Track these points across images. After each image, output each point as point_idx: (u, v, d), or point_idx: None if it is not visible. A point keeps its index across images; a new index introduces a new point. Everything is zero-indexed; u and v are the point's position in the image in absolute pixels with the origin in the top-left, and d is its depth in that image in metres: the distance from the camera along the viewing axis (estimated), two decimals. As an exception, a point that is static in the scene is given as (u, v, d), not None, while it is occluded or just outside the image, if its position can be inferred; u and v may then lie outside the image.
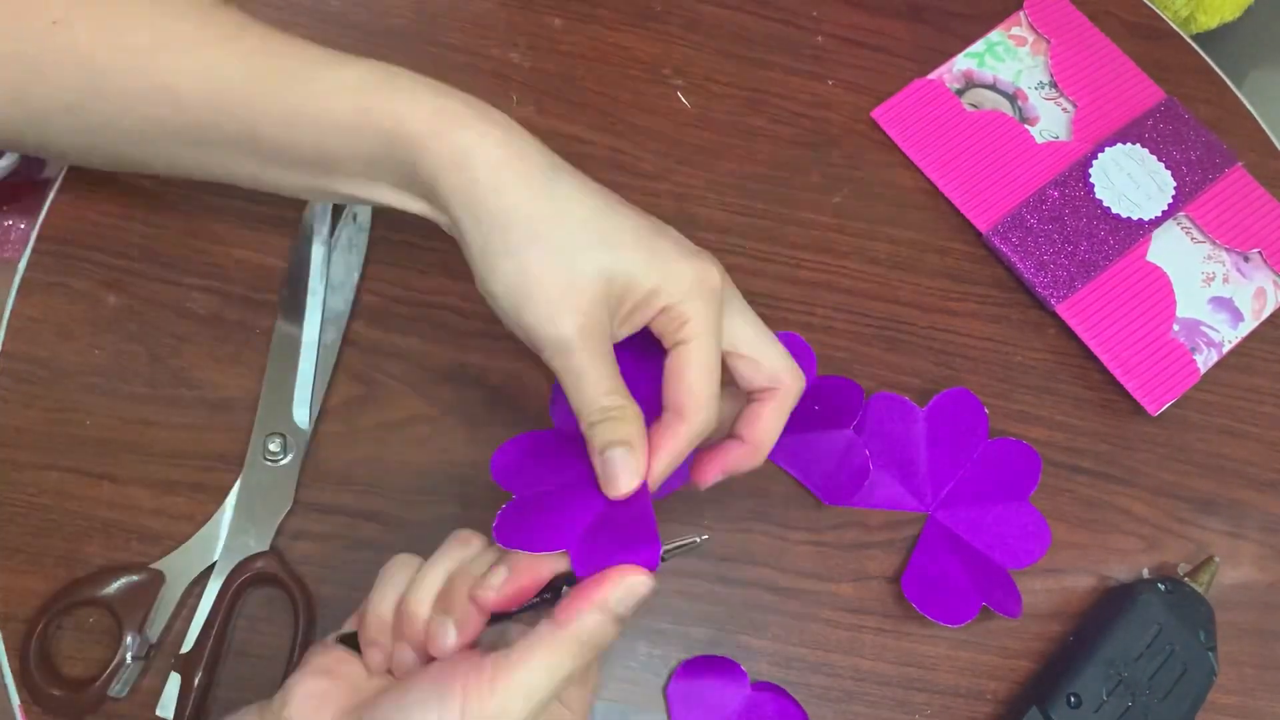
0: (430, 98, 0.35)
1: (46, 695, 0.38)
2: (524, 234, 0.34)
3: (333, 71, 0.36)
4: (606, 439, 0.34)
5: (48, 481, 0.42)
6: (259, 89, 0.35)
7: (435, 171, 0.34)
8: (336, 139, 0.35)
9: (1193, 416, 0.52)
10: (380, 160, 0.35)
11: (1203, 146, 0.55)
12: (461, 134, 0.34)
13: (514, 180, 0.34)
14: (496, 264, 0.34)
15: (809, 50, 0.56)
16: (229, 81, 0.35)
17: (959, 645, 0.46)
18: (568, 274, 0.33)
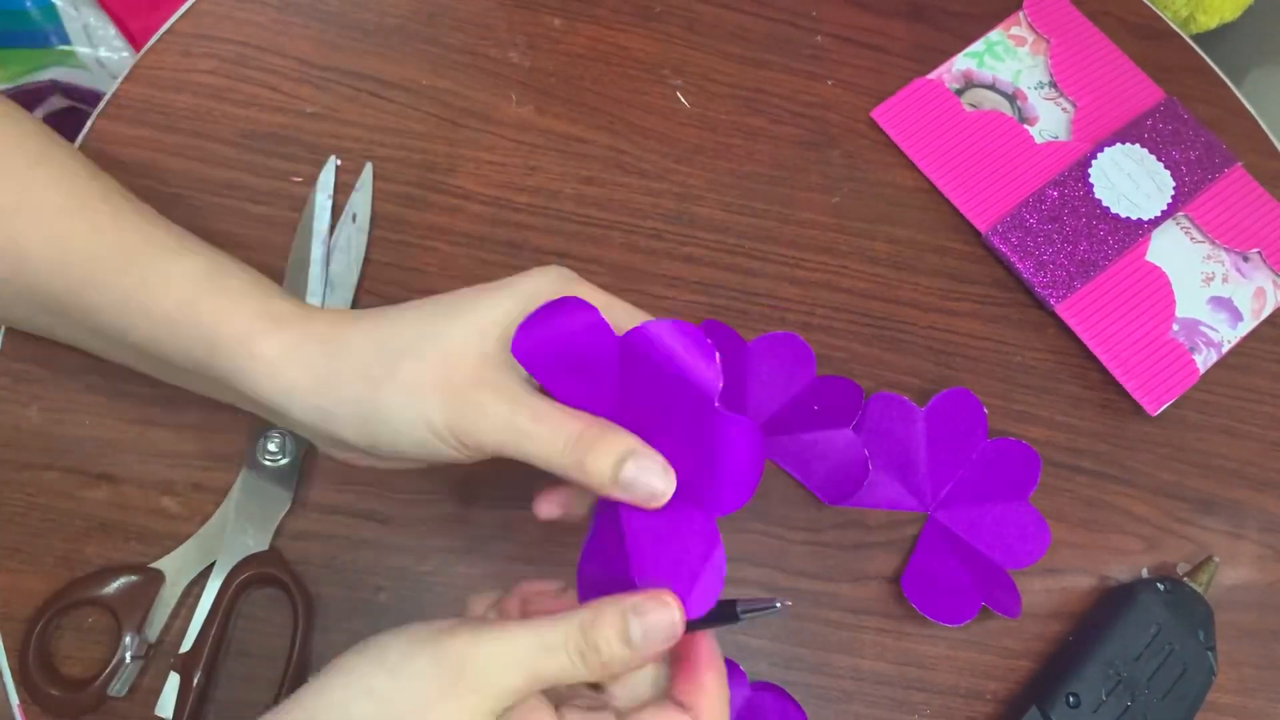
0: (256, 305, 0.34)
1: (46, 695, 0.38)
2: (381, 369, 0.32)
3: (175, 261, 0.35)
4: (607, 461, 0.30)
5: (47, 481, 0.42)
6: (100, 269, 0.35)
7: (261, 382, 0.33)
8: (164, 329, 0.34)
9: (1192, 416, 0.52)
10: (203, 363, 0.34)
11: (1202, 146, 0.55)
12: (280, 335, 0.33)
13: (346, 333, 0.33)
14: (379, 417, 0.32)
15: (808, 50, 0.56)
16: (76, 256, 0.35)
17: (958, 645, 0.46)
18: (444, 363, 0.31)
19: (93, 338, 0.37)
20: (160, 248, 0.36)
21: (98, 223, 0.36)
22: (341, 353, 0.33)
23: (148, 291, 0.34)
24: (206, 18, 0.51)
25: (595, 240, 0.50)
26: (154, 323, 0.34)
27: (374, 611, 0.42)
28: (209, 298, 0.34)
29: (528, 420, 0.31)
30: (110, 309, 0.35)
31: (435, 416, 0.31)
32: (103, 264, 0.35)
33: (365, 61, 0.51)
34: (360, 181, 0.48)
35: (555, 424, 0.31)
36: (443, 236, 0.48)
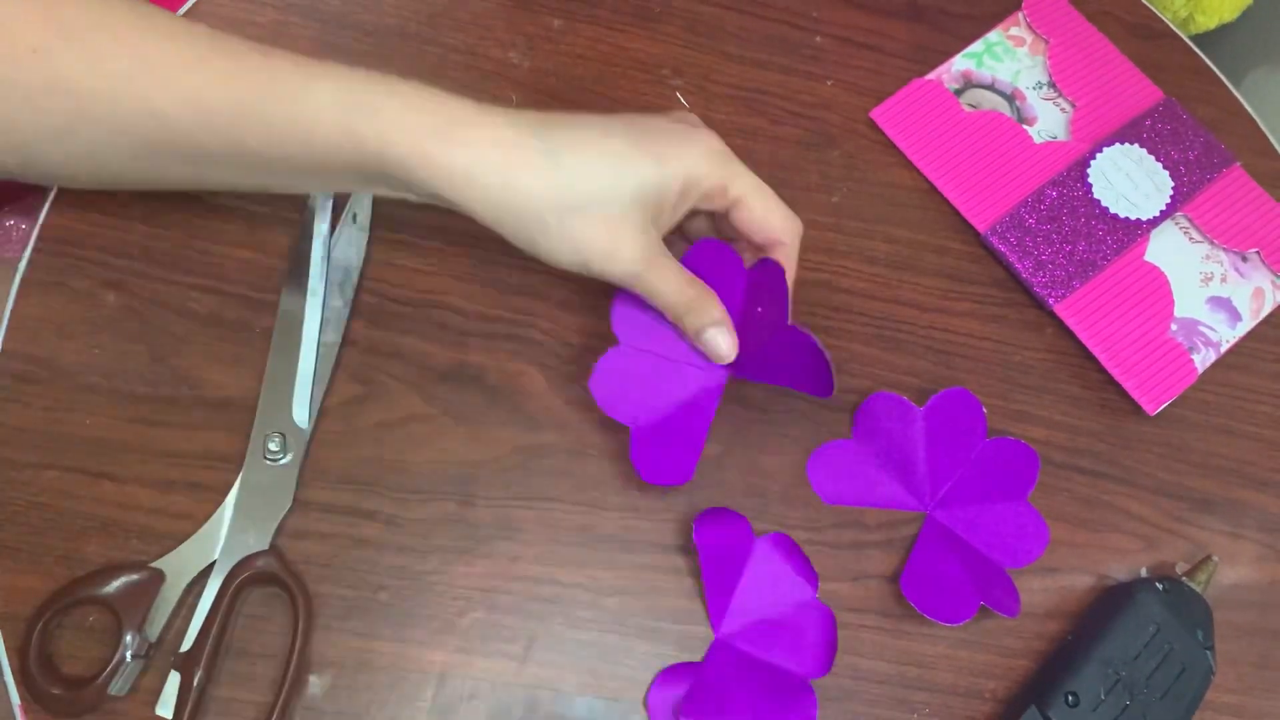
0: (413, 117, 0.37)
1: (46, 694, 0.38)
2: (556, 213, 0.38)
3: (312, 93, 0.37)
4: (698, 323, 0.41)
5: (47, 481, 0.42)
6: (243, 110, 0.36)
7: (440, 187, 0.37)
8: (325, 154, 0.37)
9: (1191, 416, 0.52)
10: (373, 173, 0.38)
11: (1201, 146, 0.55)
12: (454, 155, 0.37)
13: (524, 178, 0.37)
14: (542, 242, 0.39)
15: (808, 50, 0.56)
16: (213, 104, 0.36)
17: (957, 644, 0.46)
18: (605, 221, 0.38)
19: (243, 172, 0.39)
20: (301, 75, 0.37)
21: (226, 67, 0.37)
22: (517, 190, 0.37)
23: (302, 125, 0.36)
24: (206, 18, 0.51)
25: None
26: (314, 149, 0.37)
27: (375, 611, 0.42)
28: (364, 121, 0.36)
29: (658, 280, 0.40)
30: (265, 146, 0.37)
31: (592, 264, 0.39)
32: (246, 105, 0.36)
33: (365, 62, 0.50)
34: (360, 181, 0.48)
35: (676, 288, 0.41)
36: (444, 236, 0.48)
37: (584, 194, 0.38)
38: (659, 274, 0.40)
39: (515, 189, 0.37)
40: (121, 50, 0.36)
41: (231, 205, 0.47)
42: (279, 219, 0.47)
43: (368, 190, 0.40)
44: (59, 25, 0.35)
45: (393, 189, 0.39)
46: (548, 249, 0.39)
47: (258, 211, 0.47)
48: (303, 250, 0.46)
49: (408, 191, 0.39)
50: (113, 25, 0.36)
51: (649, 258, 0.40)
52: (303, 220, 0.47)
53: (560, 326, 0.48)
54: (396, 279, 0.47)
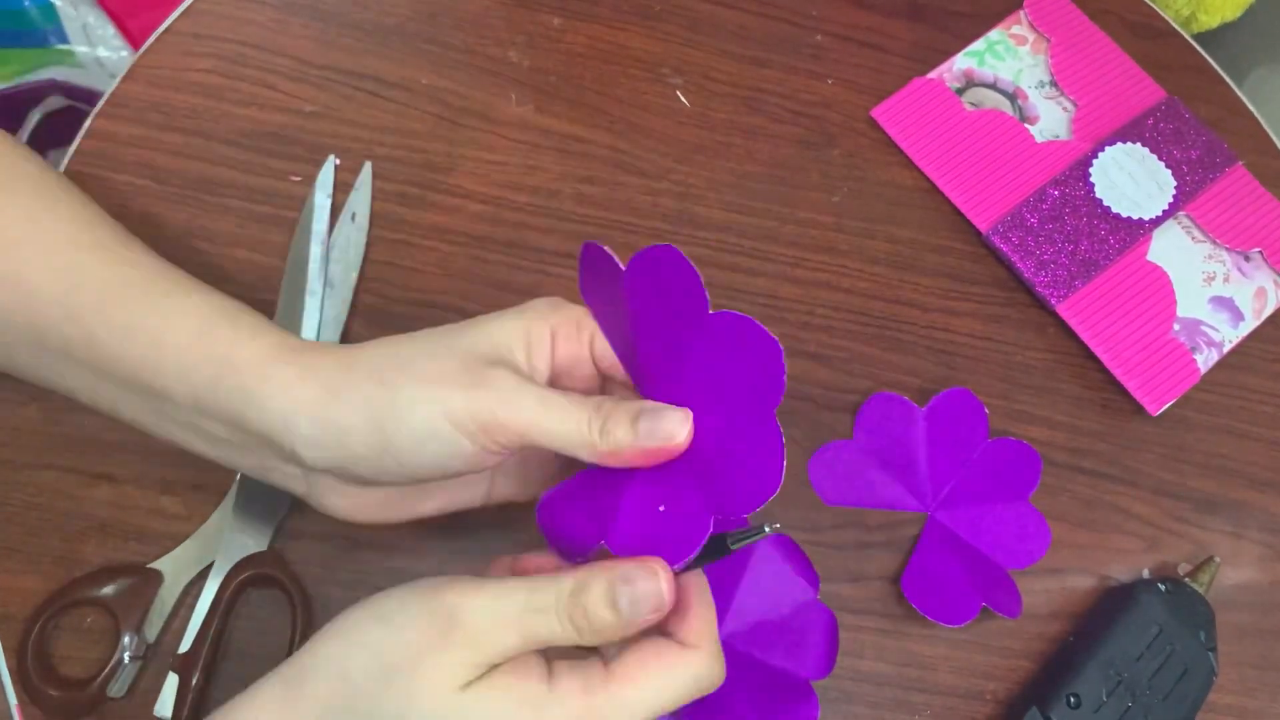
0: (271, 339, 0.34)
1: (44, 695, 0.38)
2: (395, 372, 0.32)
3: (187, 295, 0.35)
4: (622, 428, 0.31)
5: (46, 481, 0.42)
6: (111, 296, 0.35)
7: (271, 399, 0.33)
8: (170, 358, 0.34)
9: (1193, 416, 0.51)
10: (207, 389, 0.34)
11: (1203, 146, 0.55)
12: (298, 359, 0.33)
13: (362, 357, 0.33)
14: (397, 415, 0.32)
15: (809, 49, 0.56)
16: (83, 285, 0.35)
17: (959, 646, 0.46)
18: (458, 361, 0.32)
19: (84, 375, 0.36)
20: (172, 282, 0.35)
21: (108, 255, 0.35)
22: (354, 364, 0.33)
23: (161, 318, 0.34)
24: (205, 17, 0.50)
25: (595, 240, 0.49)
26: (161, 350, 0.34)
27: (373, 612, 0.42)
28: (223, 328, 0.34)
29: (552, 397, 0.31)
30: (116, 337, 0.34)
31: (456, 403, 0.31)
32: (113, 294, 0.35)
33: (364, 61, 0.51)
34: (359, 180, 0.48)
35: (575, 400, 0.31)
36: (442, 236, 0.48)
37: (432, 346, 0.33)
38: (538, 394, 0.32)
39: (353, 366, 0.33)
40: (20, 219, 0.35)
41: (231, 205, 0.47)
42: (278, 219, 0.47)
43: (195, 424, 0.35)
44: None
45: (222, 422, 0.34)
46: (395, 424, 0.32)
47: (257, 211, 0.47)
48: (301, 250, 0.46)
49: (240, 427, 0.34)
50: (21, 194, 0.36)
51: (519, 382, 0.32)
52: (301, 220, 0.47)
53: (560, 326, 0.48)
54: (395, 279, 0.47)
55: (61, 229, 0.36)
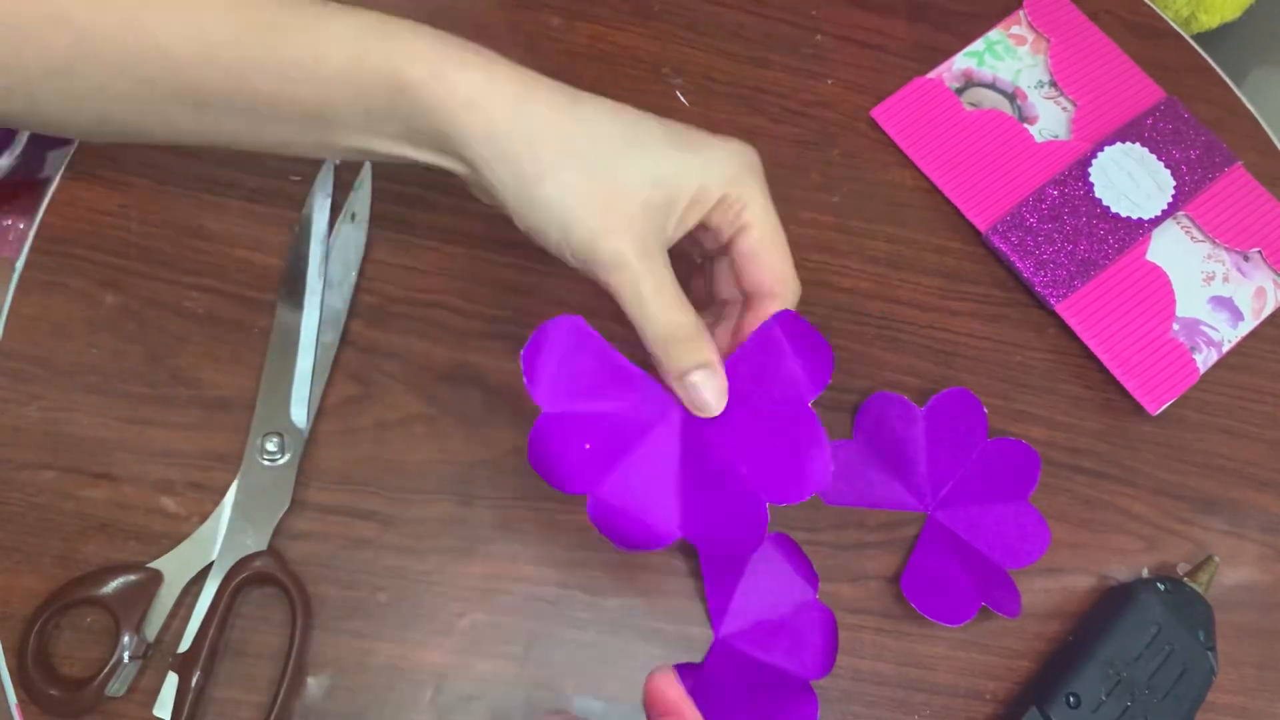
0: (429, 43, 0.34)
1: (44, 694, 0.38)
2: (557, 155, 0.33)
3: (326, 22, 0.35)
4: (686, 363, 0.34)
5: (45, 481, 0.42)
6: (251, 44, 0.34)
7: (445, 115, 0.33)
8: (334, 90, 0.34)
9: (1192, 416, 0.51)
10: (381, 110, 0.34)
11: (1203, 146, 0.55)
12: (468, 76, 0.34)
13: (536, 109, 0.34)
14: (534, 192, 0.33)
15: (808, 49, 0.56)
16: (220, 38, 0.34)
17: (958, 645, 0.46)
18: (611, 187, 0.33)
19: (248, 122, 0.36)
20: (309, 14, 0.35)
21: (235, 3, 0.35)
22: (525, 116, 0.33)
23: (312, 54, 0.34)
24: (205, 17, 0.50)
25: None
26: (322, 84, 0.34)
27: (373, 612, 0.42)
28: (379, 44, 0.34)
29: (649, 289, 0.33)
30: (271, 84, 0.34)
31: (576, 233, 0.33)
32: (255, 38, 0.34)
33: (364, 60, 0.51)
34: (359, 180, 0.48)
35: (667, 307, 0.34)
36: (443, 236, 0.48)
37: (595, 146, 0.34)
38: (652, 279, 0.33)
39: (522, 118, 0.33)
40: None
41: (230, 205, 0.47)
42: (277, 218, 0.47)
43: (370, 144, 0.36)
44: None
45: (399, 136, 0.36)
46: (529, 205, 0.33)
47: (256, 211, 0.47)
48: (301, 249, 0.46)
49: (413, 133, 0.35)
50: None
51: (645, 251, 0.33)
52: (301, 219, 0.47)
53: (560, 326, 0.48)
54: (395, 278, 0.47)
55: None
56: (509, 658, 0.42)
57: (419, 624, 0.42)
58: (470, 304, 0.47)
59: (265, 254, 0.46)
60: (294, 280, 0.45)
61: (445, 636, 0.42)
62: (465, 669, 0.42)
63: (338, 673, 0.41)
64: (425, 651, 0.42)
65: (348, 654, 0.41)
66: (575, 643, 0.43)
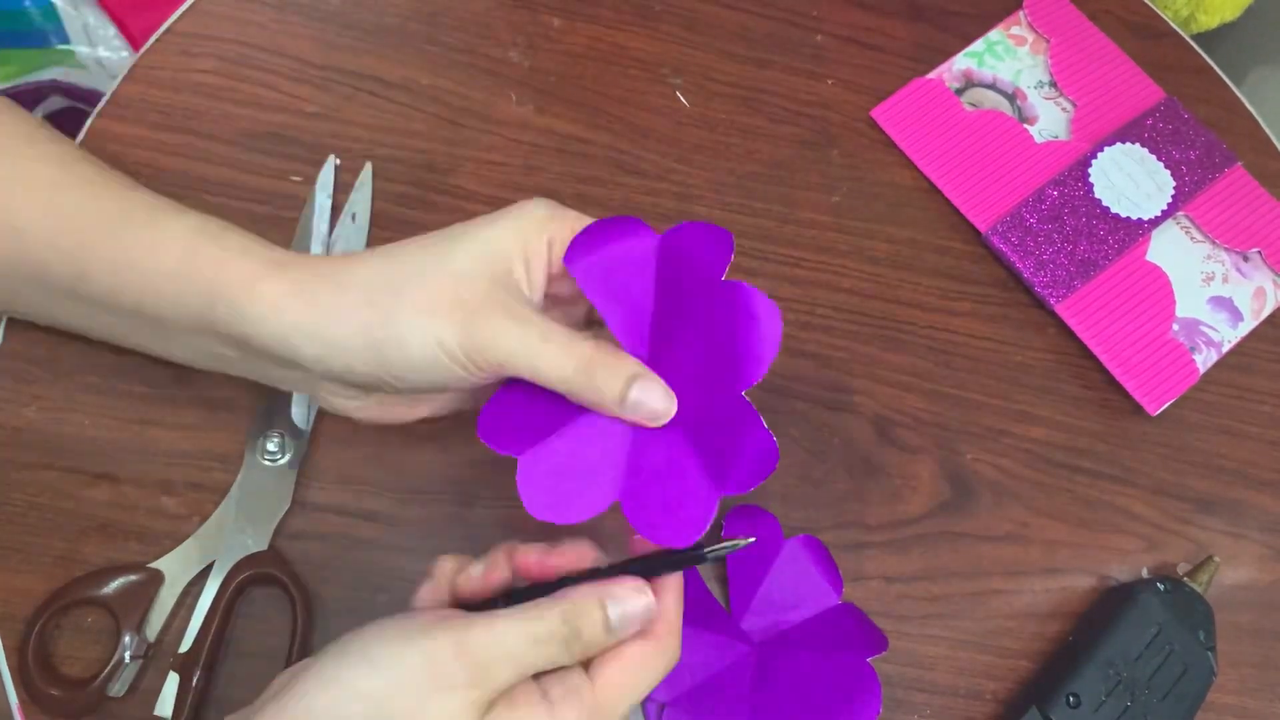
0: (257, 255, 0.35)
1: (45, 695, 0.38)
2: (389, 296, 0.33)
3: (170, 221, 0.36)
4: (616, 385, 0.32)
5: (46, 481, 0.42)
6: (96, 232, 0.35)
7: (265, 319, 0.33)
8: (161, 286, 0.35)
9: (1192, 416, 0.51)
10: (203, 313, 0.34)
11: (1202, 146, 0.55)
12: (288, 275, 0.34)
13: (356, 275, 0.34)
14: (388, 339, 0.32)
15: (808, 49, 0.56)
16: (70, 223, 0.35)
17: (958, 645, 0.46)
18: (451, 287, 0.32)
19: (86, 310, 0.37)
20: (155, 210, 0.36)
21: (92, 192, 0.36)
22: (347, 285, 0.33)
23: (145, 249, 0.35)
24: (206, 17, 0.51)
25: (595, 240, 0.50)
26: (151, 280, 0.35)
27: (373, 611, 0.42)
28: (208, 249, 0.35)
29: (539, 339, 0.32)
30: (106, 272, 0.35)
31: (447, 335, 0.32)
32: (98, 228, 0.35)
33: (365, 61, 0.51)
34: (360, 180, 0.48)
35: (566, 344, 0.32)
36: (442, 236, 0.48)
37: (423, 265, 0.33)
38: (536, 330, 0.32)
39: (346, 285, 0.33)
40: (4, 162, 0.36)
41: (230, 205, 0.47)
42: (278, 219, 0.47)
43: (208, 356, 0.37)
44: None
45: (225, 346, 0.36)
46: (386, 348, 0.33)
47: (257, 211, 0.47)
48: (301, 249, 0.46)
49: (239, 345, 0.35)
50: (7, 140, 0.37)
51: (517, 316, 0.32)
52: (301, 221, 0.47)
53: (560, 326, 0.48)
54: (396, 279, 0.47)
55: (43, 170, 0.37)
56: (509, 658, 0.42)
57: (420, 624, 0.42)
58: (471, 304, 0.47)
59: (266, 254, 0.46)
60: (295, 280, 0.45)
61: (446, 636, 0.42)
62: (466, 669, 0.42)
63: (338, 673, 0.41)
64: (426, 651, 0.42)
65: (348, 654, 0.41)
66: (576, 643, 0.43)
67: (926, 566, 0.47)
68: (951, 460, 0.49)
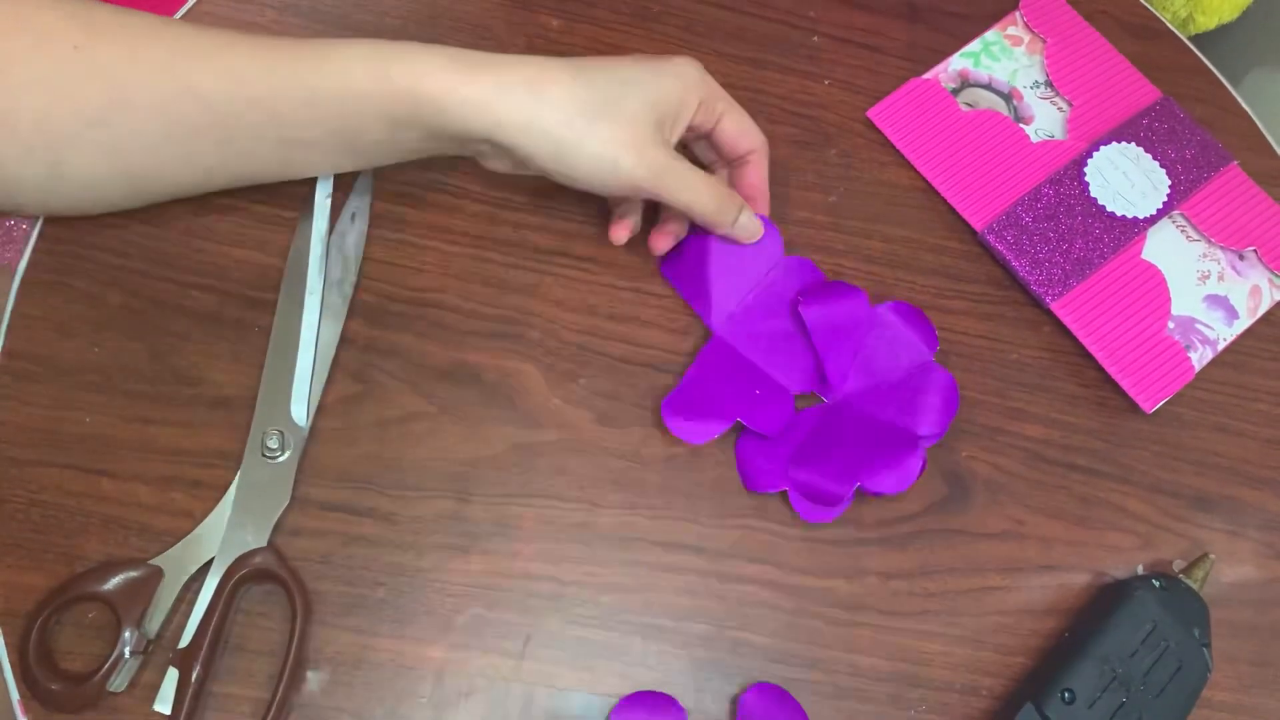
0: (441, 58, 0.40)
1: (45, 689, 0.39)
2: (585, 120, 0.41)
3: (344, 50, 0.40)
4: (732, 213, 0.46)
5: (47, 478, 0.42)
6: (278, 76, 0.39)
7: (469, 116, 0.40)
8: (358, 106, 0.40)
9: (1188, 414, 0.52)
10: (403, 118, 0.40)
11: (1198, 145, 0.55)
12: (484, 80, 0.40)
13: (549, 90, 0.40)
14: (578, 153, 0.41)
15: (805, 50, 0.56)
16: (248, 75, 0.39)
17: (954, 642, 0.46)
18: (630, 123, 0.41)
19: (278, 147, 0.41)
20: (328, 45, 0.40)
21: (257, 45, 0.40)
22: (545, 101, 0.40)
23: (336, 78, 0.39)
24: (206, 18, 0.51)
25: (594, 239, 0.50)
26: (347, 103, 0.40)
27: (372, 607, 0.42)
28: (396, 64, 0.39)
29: (690, 173, 0.44)
30: (298, 109, 0.40)
31: (625, 164, 0.42)
32: (281, 71, 0.39)
33: (364, 62, 0.51)
34: (359, 180, 0.48)
35: (705, 182, 0.44)
36: (442, 236, 0.49)
37: (608, 100, 0.41)
38: (686, 169, 0.43)
39: (543, 100, 0.40)
40: (157, 42, 0.39)
41: (231, 204, 0.47)
42: (278, 218, 0.47)
43: (396, 150, 0.43)
44: (96, 29, 0.38)
45: (422, 138, 0.41)
46: (573, 160, 0.41)
47: (257, 211, 0.47)
48: (301, 249, 0.46)
49: (436, 134, 0.41)
50: (145, 25, 0.40)
51: (671, 154, 0.43)
52: (301, 219, 0.47)
53: (557, 325, 0.48)
54: (395, 278, 0.48)
55: (202, 38, 0.40)
56: (507, 653, 0.43)
57: (417, 620, 0.42)
58: (469, 303, 0.48)
59: (266, 254, 0.47)
60: (295, 279, 0.46)
61: (443, 632, 0.42)
62: (463, 664, 0.42)
63: (337, 668, 0.41)
64: (424, 647, 0.42)
65: (347, 649, 0.42)
66: (573, 638, 0.43)
67: (923, 563, 0.47)
68: (947, 458, 0.49)
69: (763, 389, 0.47)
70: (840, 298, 0.48)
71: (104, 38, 0.38)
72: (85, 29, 0.38)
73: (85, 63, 0.38)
